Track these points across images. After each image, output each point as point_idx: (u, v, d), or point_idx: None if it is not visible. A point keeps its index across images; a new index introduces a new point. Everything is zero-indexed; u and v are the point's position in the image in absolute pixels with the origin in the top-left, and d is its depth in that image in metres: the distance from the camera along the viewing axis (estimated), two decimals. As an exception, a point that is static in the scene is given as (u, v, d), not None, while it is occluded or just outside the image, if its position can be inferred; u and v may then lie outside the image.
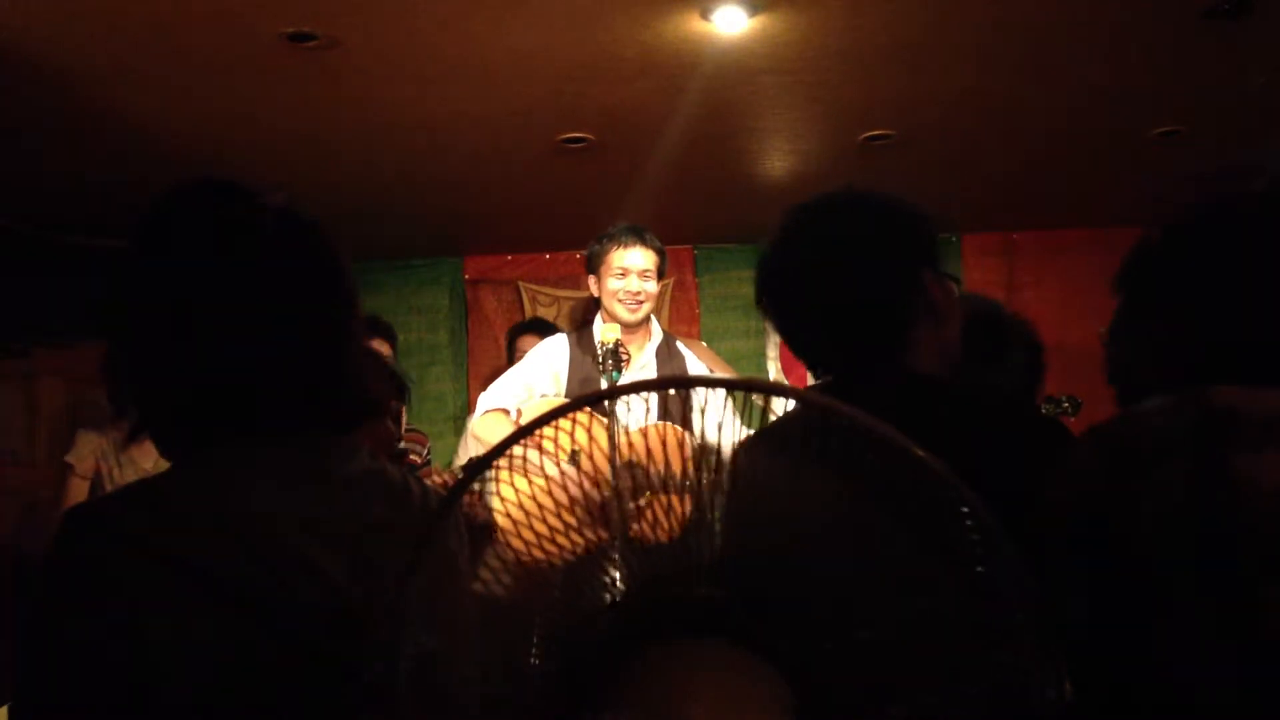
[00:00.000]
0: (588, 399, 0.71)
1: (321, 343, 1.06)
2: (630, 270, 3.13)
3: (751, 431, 0.73)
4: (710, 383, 0.66)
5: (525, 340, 4.13)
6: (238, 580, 0.91)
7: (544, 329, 4.32)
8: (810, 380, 1.55)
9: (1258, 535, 0.95)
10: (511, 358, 4.22)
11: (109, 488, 3.59)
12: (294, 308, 1.04)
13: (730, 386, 0.64)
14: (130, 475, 3.53)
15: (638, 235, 3.17)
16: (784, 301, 1.47)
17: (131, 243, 1.06)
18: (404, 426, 4.02)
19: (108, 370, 1.07)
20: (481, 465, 0.74)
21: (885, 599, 0.60)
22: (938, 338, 1.40)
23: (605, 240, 3.18)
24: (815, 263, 1.41)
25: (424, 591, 1.05)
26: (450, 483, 4.08)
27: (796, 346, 1.48)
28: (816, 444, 0.62)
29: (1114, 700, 1.01)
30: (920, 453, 0.54)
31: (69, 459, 3.73)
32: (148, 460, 3.45)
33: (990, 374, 1.94)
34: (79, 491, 3.64)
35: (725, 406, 0.72)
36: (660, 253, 3.20)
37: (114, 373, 1.06)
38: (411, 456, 3.89)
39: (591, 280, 3.24)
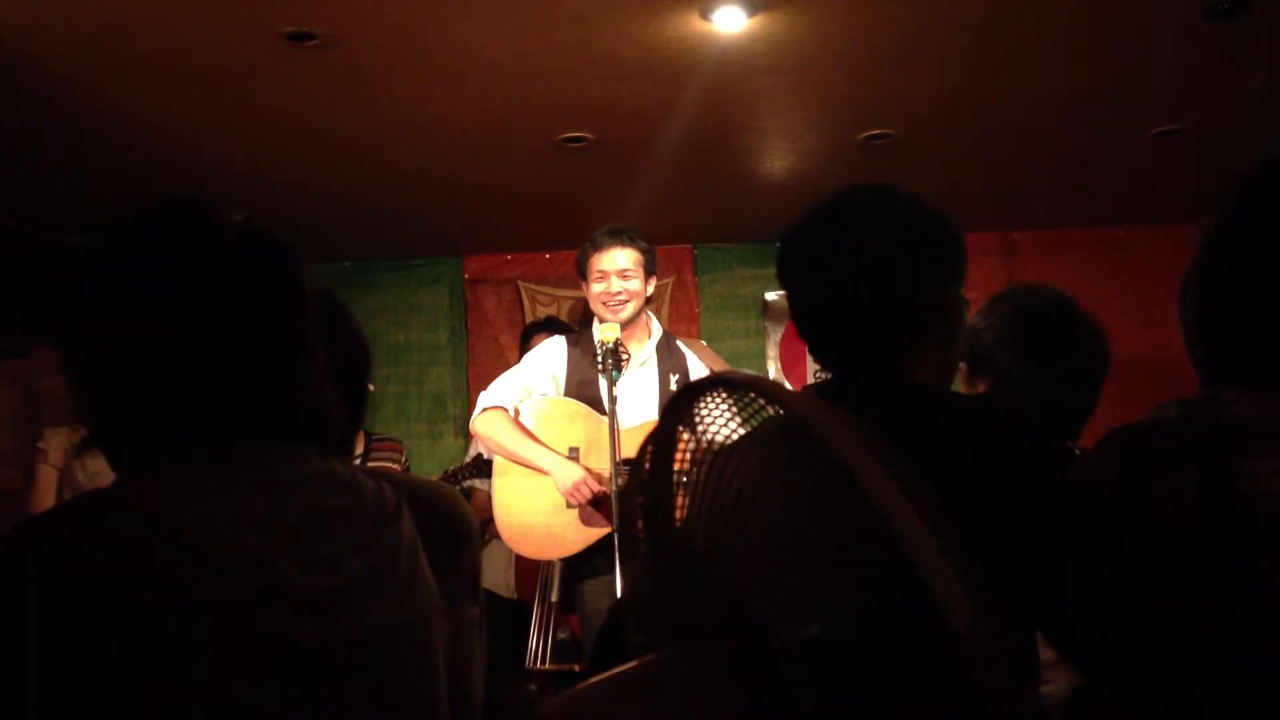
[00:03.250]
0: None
1: (277, 358, 1.08)
2: (609, 272, 3.16)
3: (748, 430, 0.73)
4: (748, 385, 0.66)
5: (540, 339, 4.15)
6: (187, 585, 0.92)
7: (558, 329, 4.34)
8: (810, 379, 1.55)
9: (1261, 538, 0.96)
10: None
11: (80, 477, 3.65)
12: (251, 323, 1.06)
13: (758, 390, 0.65)
14: (101, 464, 3.60)
15: (614, 236, 3.19)
16: (807, 288, 1.43)
17: (89, 257, 1.08)
18: (375, 436, 4.05)
19: (66, 376, 1.08)
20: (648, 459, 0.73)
21: (849, 604, 0.60)
22: (943, 354, 1.40)
23: (586, 246, 3.24)
24: (851, 259, 1.37)
25: (377, 573, 1.07)
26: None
27: (809, 332, 1.45)
28: (790, 444, 0.62)
29: (1125, 693, 1.03)
30: (849, 458, 0.54)
31: (41, 445, 3.80)
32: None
33: (1050, 375, 1.84)
34: (48, 479, 3.72)
35: (726, 405, 0.72)
36: (643, 250, 3.21)
37: (70, 380, 1.08)
38: (390, 465, 3.90)
39: (583, 286, 3.28)
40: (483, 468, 4.17)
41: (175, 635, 0.91)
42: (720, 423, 0.71)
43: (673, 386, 3.23)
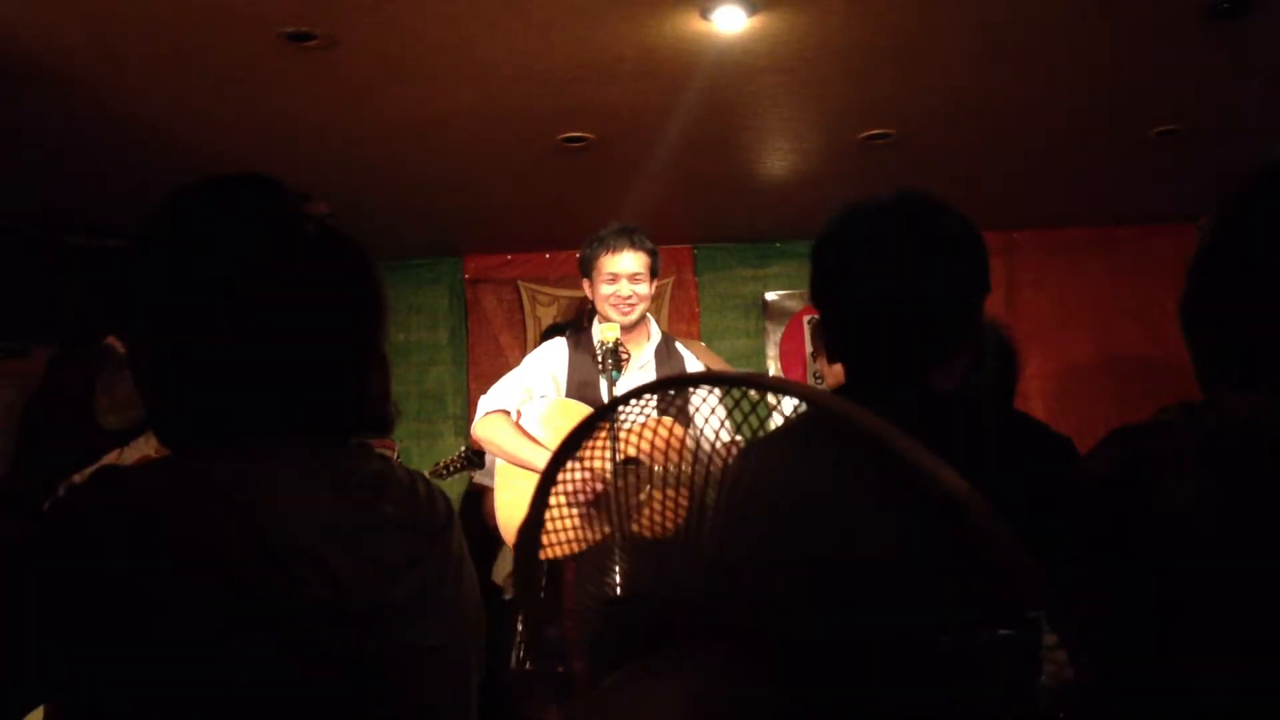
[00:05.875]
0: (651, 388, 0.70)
1: (349, 353, 1.06)
2: (620, 275, 3.15)
3: (749, 428, 0.73)
4: (740, 381, 0.65)
5: None
6: (248, 573, 0.91)
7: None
8: (810, 379, 1.54)
9: (1263, 543, 0.96)
10: None
11: None
12: (327, 315, 1.04)
13: (762, 386, 0.64)
14: None
15: (626, 238, 3.18)
16: (843, 296, 1.41)
17: (166, 225, 1.03)
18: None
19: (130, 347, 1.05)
20: (549, 477, 0.74)
21: (886, 603, 0.60)
22: (969, 359, 1.40)
23: (595, 245, 3.21)
24: (892, 269, 1.35)
25: (430, 588, 1.05)
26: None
27: (836, 339, 1.43)
28: (822, 444, 0.62)
29: (1126, 697, 1.03)
30: (925, 463, 0.54)
31: None
32: None
33: (968, 377, 1.88)
34: None
35: (724, 403, 0.72)
36: (651, 253, 3.21)
37: (133, 352, 1.04)
38: None
39: (585, 284, 3.27)
40: (474, 459, 4.17)
41: (228, 628, 0.89)
42: (718, 420, 0.71)
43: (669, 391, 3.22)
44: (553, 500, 0.79)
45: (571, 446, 0.74)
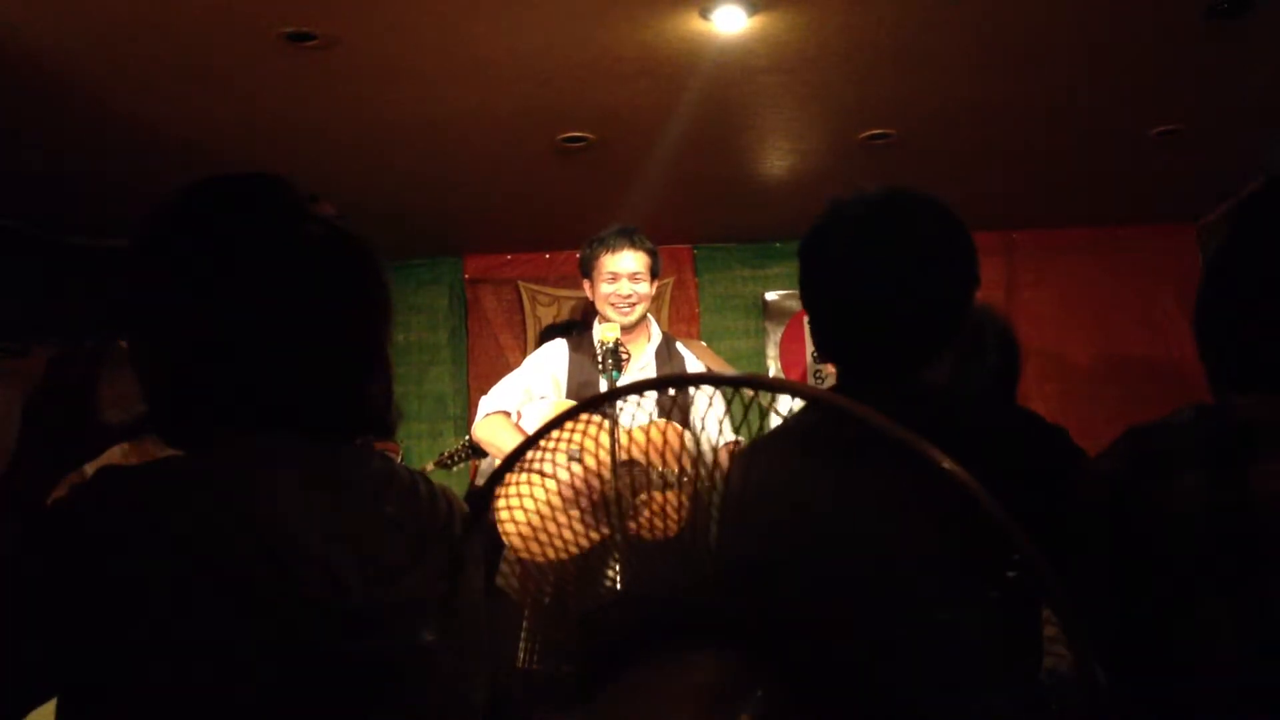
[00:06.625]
0: (606, 396, 0.71)
1: (352, 355, 1.06)
2: (620, 274, 3.15)
3: (752, 429, 0.73)
4: (732, 381, 0.65)
5: None
6: (249, 575, 0.90)
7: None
8: (810, 378, 1.54)
9: (1267, 538, 0.97)
10: None
11: None
12: (331, 316, 1.03)
13: (755, 386, 0.64)
14: None
15: (626, 238, 3.18)
16: (832, 299, 1.41)
17: (170, 224, 1.03)
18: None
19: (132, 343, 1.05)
20: (500, 474, 0.74)
21: (897, 606, 0.60)
22: (951, 359, 1.40)
23: (595, 245, 3.20)
24: (884, 266, 1.36)
25: (430, 587, 1.05)
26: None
27: (828, 337, 1.44)
28: (829, 446, 0.62)
29: (1132, 690, 1.03)
30: (940, 459, 0.54)
31: None
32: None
33: (967, 372, 1.88)
34: None
35: (724, 405, 0.72)
36: (651, 253, 3.21)
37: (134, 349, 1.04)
38: None
39: (585, 284, 3.27)
40: (478, 449, 4.17)
41: (228, 628, 0.89)
42: (718, 420, 0.71)
43: (670, 391, 3.22)
44: (540, 492, 0.79)
45: (543, 436, 0.74)
